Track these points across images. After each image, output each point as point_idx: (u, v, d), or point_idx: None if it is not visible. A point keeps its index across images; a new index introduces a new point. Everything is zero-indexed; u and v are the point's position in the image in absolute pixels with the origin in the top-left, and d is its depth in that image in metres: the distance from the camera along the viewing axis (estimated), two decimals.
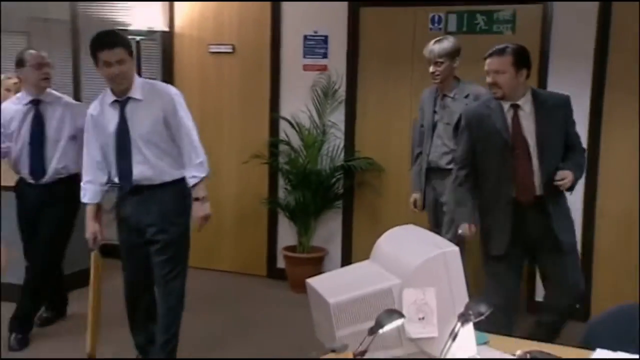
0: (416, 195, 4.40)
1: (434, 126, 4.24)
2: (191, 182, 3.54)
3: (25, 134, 4.18)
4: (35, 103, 4.19)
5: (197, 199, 3.56)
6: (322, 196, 5.34)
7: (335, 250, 5.49)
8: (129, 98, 3.49)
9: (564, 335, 3.59)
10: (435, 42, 4.20)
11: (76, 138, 4.13)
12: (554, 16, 4.76)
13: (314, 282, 2.08)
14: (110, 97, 3.52)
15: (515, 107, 3.49)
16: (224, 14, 5.67)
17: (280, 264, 5.63)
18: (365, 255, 5.49)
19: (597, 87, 4.68)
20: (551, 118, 3.48)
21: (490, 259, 3.64)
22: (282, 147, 5.50)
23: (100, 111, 3.56)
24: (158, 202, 3.54)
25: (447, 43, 4.18)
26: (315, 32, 5.42)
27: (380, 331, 1.77)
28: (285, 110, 5.53)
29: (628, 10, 4.57)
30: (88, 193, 3.66)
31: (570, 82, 4.66)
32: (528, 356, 1.82)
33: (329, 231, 5.50)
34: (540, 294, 4.54)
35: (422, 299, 1.94)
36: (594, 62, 4.68)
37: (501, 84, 3.44)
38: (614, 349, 2.22)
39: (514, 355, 2.13)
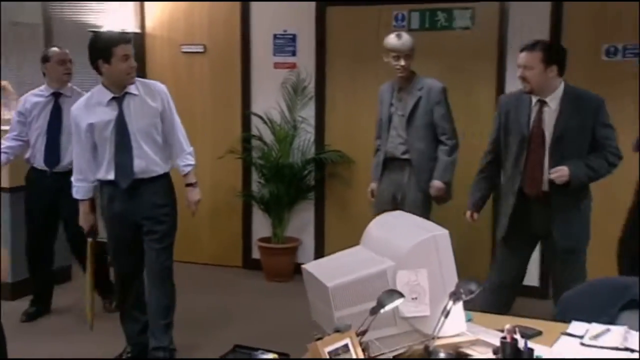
0: (373, 185, 4.45)
1: (390, 118, 4.29)
2: (185, 170, 3.65)
3: (42, 123, 4.32)
4: (56, 96, 4.36)
5: (190, 185, 3.67)
6: (294, 188, 5.35)
7: (308, 240, 5.51)
8: (126, 94, 3.47)
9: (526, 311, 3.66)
10: (398, 36, 4.18)
11: None
12: (511, 13, 4.85)
13: (310, 267, 2.09)
14: (106, 95, 3.47)
15: (542, 103, 3.44)
16: (194, 15, 5.63)
17: (255, 254, 5.63)
18: (338, 244, 5.50)
19: None
20: (576, 117, 3.38)
21: (497, 242, 3.71)
22: (255, 142, 5.49)
23: (91, 111, 3.48)
24: (153, 195, 3.54)
25: (409, 37, 4.19)
26: (285, 31, 5.42)
27: (382, 310, 1.79)
28: (257, 106, 5.52)
29: (578, 7, 4.69)
30: (81, 190, 3.62)
31: None
32: (516, 329, 1.85)
33: (302, 222, 5.52)
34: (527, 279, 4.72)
35: (414, 280, 1.98)
36: None
37: (529, 79, 3.39)
38: (588, 321, 2.28)
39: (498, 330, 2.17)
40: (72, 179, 3.64)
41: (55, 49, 4.41)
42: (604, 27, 4.67)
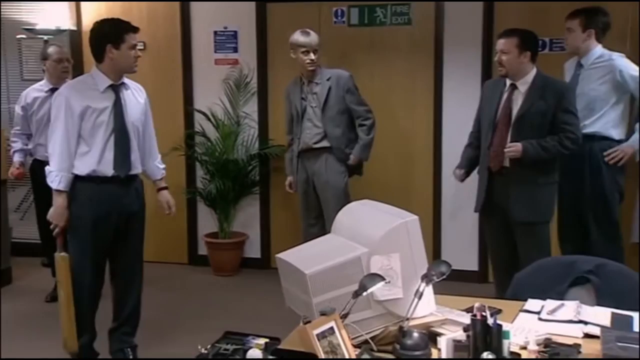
0: (290, 179, 4.66)
1: (303, 111, 4.43)
2: (161, 173, 3.66)
3: (42, 116, 4.56)
4: (55, 91, 4.31)
5: (166, 188, 3.68)
6: (240, 183, 5.36)
7: (254, 234, 5.53)
8: (123, 83, 3.42)
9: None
10: (305, 33, 4.42)
11: None
12: (446, 9, 5.00)
13: (285, 256, 2.13)
14: (104, 82, 3.34)
15: (513, 87, 3.69)
16: (132, 11, 5.53)
17: (202, 250, 5.60)
18: (283, 237, 5.61)
19: (485, 69, 4.97)
20: (539, 101, 3.62)
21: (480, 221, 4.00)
22: (199, 139, 5.46)
23: (84, 94, 3.32)
24: (137, 193, 3.49)
25: (315, 33, 4.43)
26: (225, 27, 5.41)
27: (364, 293, 1.85)
28: (200, 103, 5.49)
29: (508, 4, 4.91)
30: (63, 180, 3.33)
31: (463, 66, 4.98)
32: (485, 307, 1.95)
33: (248, 216, 5.53)
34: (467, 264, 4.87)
35: (387, 265, 2.05)
36: (482, 48, 4.96)
37: (504, 63, 3.64)
38: (542, 298, 2.42)
39: (462, 310, 2.27)
40: (51, 167, 3.33)
41: (53, 48, 4.64)
42: (532, 22, 4.87)
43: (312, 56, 4.36)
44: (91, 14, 5.62)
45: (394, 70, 5.16)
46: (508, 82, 3.73)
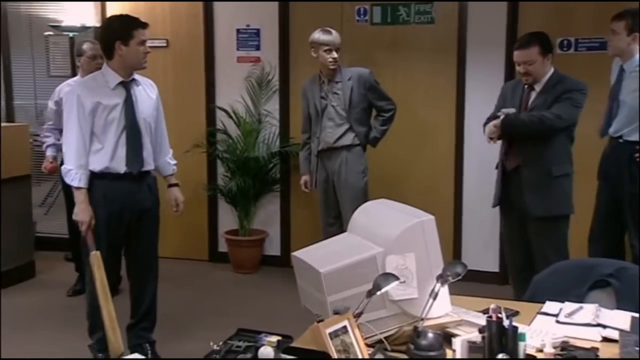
0: (306, 178, 4.66)
1: (323, 110, 4.41)
2: (172, 169, 3.63)
3: None
4: None
5: (176, 185, 3.65)
6: (260, 181, 5.37)
7: (274, 232, 5.55)
8: (133, 79, 3.43)
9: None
10: (326, 31, 4.41)
11: None
12: (469, 9, 4.96)
13: (300, 254, 2.13)
14: (114, 78, 3.35)
15: (530, 88, 3.72)
16: (156, 9, 5.58)
17: (222, 247, 5.63)
18: (303, 235, 5.60)
19: (509, 69, 4.89)
20: (545, 96, 3.66)
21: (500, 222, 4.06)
22: (220, 136, 5.49)
23: (94, 92, 3.33)
24: (150, 189, 3.49)
25: (336, 32, 4.42)
26: (248, 25, 5.42)
27: (379, 292, 1.84)
28: (221, 101, 5.52)
29: (533, 4, 4.85)
30: (82, 177, 3.33)
31: (486, 66, 4.94)
32: (501, 309, 1.93)
33: (268, 214, 5.55)
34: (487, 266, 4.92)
35: (402, 264, 2.04)
36: (505, 49, 4.90)
37: (532, 72, 3.65)
38: (560, 301, 2.39)
39: (479, 311, 2.25)
40: (68, 165, 3.33)
41: (88, 44, 4.67)
42: (558, 22, 4.83)
43: (334, 55, 4.36)
44: (116, 12, 5.66)
45: (416, 69, 5.13)
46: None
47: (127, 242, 3.52)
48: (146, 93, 3.48)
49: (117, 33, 3.33)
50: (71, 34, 5.43)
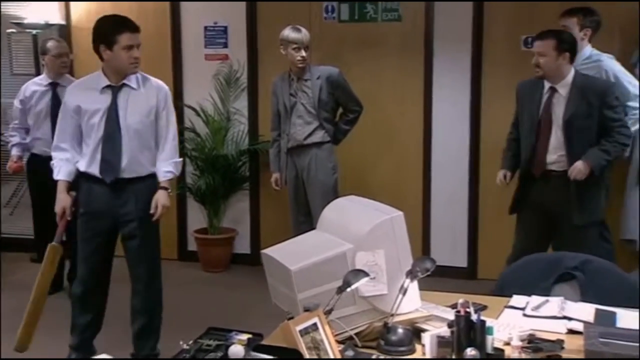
0: (276, 175, 4.64)
1: (292, 108, 4.42)
2: (166, 176, 3.41)
3: (40, 111, 4.59)
4: (54, 86, 4.62)
5: (165, 189, 3.42)
6: (230, 179, 5.35)
7: (244, 230, 5.53)
8: (124, 85, 3.34)
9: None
10: (296, 29, 4.39)
11: None
12: (436, 7, 5.00)
13: (271, 252, 2.13)
14: (102, 82, 3.33)
15: (553, 90, 3.62)
16: (122, 6, 5.48)
17: (191, 246, 5.59)
18: (273, 233, 5.59)
19: (475, 66, 4.97)
20: (583, 103, 3.55)
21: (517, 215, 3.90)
22: (188, 134, 5.44)
23: (83, 93, 3.35)
24: (135, 196, 3.38)
25: (306, 30, 4.41)
26: (215, 23, 5.40)
27: (348, 289, 1.85)
28: (190, 99, 5.48)
29: (497, 3, 4.91)
30: (63, 169, 3.36)
31: (453, 63, 4.99)
32: (469, 303, 1.96)
33: (237, 212, 5.53)
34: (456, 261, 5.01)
35: (372, 261, 2.06)
36: (471, 46, 4.97)
37: (542, 65, 3.57)
38: (527, 294, 2.43)
39: (447, 306, 2.27)
40: (53, 155, 3.39)
41: (52, 42, 4.64)
42: (522, 19, 4.89)
43: (303, 53, 4.35)
44: (80, 9, 5.61)
45: (384, 66, 5.16)
46: (547, 84, 3.65)
47: (124, 247, 3.52)
48: (143, 98, 3.36)
49: (101, 36, 3.28)
50: (34, 32, 5.34)
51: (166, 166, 3.43)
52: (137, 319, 3.58)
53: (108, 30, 3.27)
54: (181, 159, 3.54)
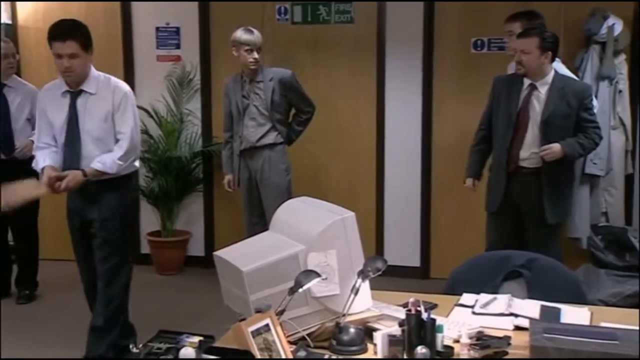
0: (229, 177, 4.62)
1: (245, 109, 4.42)
2: (94, 165, 3.33)
3: None
4: (0, 86, 4.58)
5: (83, 173, 3.32)
6: (183, 181, 5.32)
7: (198, 232, 5.50)
8: (82, 91, 3.34)
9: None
10: (248, 30, 4.37)
11: (31, 121, 4.55)
12: (388, 9, 5.05)
13: (222, 254, 2.13)
14: (63, 87, 3.38)
15: (532, 88, 3.66)
16: (71, 6, 5.42)
17: (144, 249, 5.53)
18: (227, 234, 5.56)
19: (426, 67, 5.04)
20: (562, 102, 3.61)
21: (488, 213, 3.90)
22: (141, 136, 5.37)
23: (51, 97, 3.41)
24: (100, 198, 3.40)
25: (258, 32, 4.39)
26: (167, 24, 5.35)
27: (300, 290, 1.86)
28: (142, 100, 5.35)
29: (448, 4, 5.00)
30: (48, 158, 3.39)
31: (405, 64, 5.06)
32: (419, 302, 1.99)
33: (191, 214, 5.50)
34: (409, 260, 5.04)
35: (324, 261, 2.07)
36: (422, 47, 5.04)
37: (525, 63, 3.61)
38: (476, 292, 2.48)
39: (399, 305, 2.30)
40: (37, 155, 3.44)
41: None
42: (472, 22, 4.98)
43: (255, 55, 4.33)
44: (27, 9, 5.50)
45: (337, 67, 5.19)
46: (526, 81, 3.69)
47: None
48: (100, 103, 3.36)
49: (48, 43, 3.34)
50: None
51: (101, 158, 3.35)
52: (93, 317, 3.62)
53: (48, 37, 3.33)
54: (120, 162, 3.37)
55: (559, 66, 4.06)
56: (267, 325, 1.77)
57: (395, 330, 1.99)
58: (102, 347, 3.53)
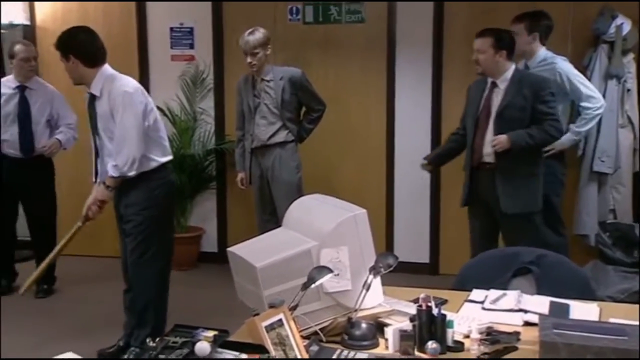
0: (242, 175, 4.63)
1: (256, 108, 4.42)
2: (109, 173, 3.44)
3: (9, 113, 4.58)
4: (22, 89, 4.64)
5: (105, 185, 3.46)
6: (196, 178, 5.34)
7: (211, 229, 5.51)
8: (92, 94, 3.52)
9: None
10: (249, 33, 4.34)
11: (50, 122, 4.69)
12: (398, 9, 5.04)
13: (236, 250, 2.13)
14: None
15: (493, 85, 3.74)
16: (88, 8, 5.45)
17: None
18: (240, 231, 5.57)
19: (436, 67, 5.03)
20: (518, 96, 3.65)
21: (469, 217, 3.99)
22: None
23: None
24: (122, 195, 3.53)
25: (259, 34, 4.34)
26: (181, 24, 5.36)
27: (313, 285, 1.86)
28: (156, 99, 5.26)
29: (457, 4, 4.98)
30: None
31: (415, 64, 5.04)
32: (430, 298, 1.99)
33: (204, 211, 5.51)
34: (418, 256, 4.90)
35: (336, 258, 2.07)
36: (432, 47, 5.02)
37: (480, 62, 3.72)
38: (485, 288, 2.47)
39: (410, 301, 2.30)
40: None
41: (19, 46, 4.64)
42: (482, 21, 4.93)
43: (248, 59, 4.30)
44: (45, 10, 5.53)
45: (347, 67, 5.19)
46: (489, 80, 3.77)
47: None
48: (103, 106, 3.51)
49: None
50: None
51: (111, 164, 3.44)
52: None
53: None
54: (123, 165, 3.39)
55: (566, 65, 4.05)
56: (280, 320, 1.78)
57: (407, 325, 1.99)
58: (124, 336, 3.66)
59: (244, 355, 1.68)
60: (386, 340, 2.01)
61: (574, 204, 4.60)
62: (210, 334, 1.74)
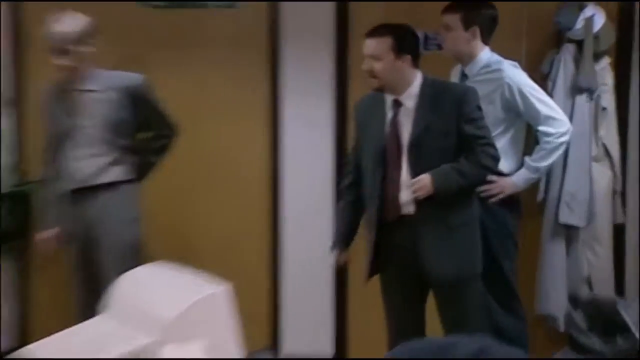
0: (51, 232, 4.54)
1: (71, 134, 4.39)
2: None
3: None
4: None
5: None
6: None
7: (4, 314, 5.33)
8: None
9: None
10: (59, 22, 4.27)
11: None
12: None
13: (29, 352, 2.08)
14: None
15: (397, 104, 3.71)
16: None
17: None
18: (48, 317, 5.40)
19: (340, 70, 5.12)
20: (435, 117, 3.66)
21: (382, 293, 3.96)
22: None
23: None
24: None
25: (76, 22, 4.28)
26: None
27: None
28: None
29: None
30: None
31: (310, 65, 5.16)
32: None
33: None
34: None
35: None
36: (335, 42, 5.12)
37: (377, 72, 3.67)
38: None
39: None
40: None
41: None
42: (400, 14, 5.07)
43: (58, 60, 4.26)
44: None
45: (212, 73, 5.21)
46: (388, 98, 3.77)
47: None
48: None
49: None
50: None
51: None
52: None
53: None
54: None
55: (517, 73, 4.17)
56: None
57: None
58: None
59: None
60: None
61: (534, 272, 4.73)
62: None
